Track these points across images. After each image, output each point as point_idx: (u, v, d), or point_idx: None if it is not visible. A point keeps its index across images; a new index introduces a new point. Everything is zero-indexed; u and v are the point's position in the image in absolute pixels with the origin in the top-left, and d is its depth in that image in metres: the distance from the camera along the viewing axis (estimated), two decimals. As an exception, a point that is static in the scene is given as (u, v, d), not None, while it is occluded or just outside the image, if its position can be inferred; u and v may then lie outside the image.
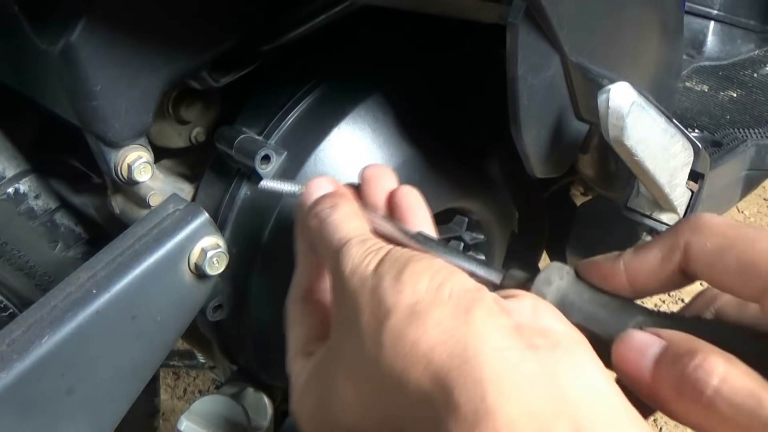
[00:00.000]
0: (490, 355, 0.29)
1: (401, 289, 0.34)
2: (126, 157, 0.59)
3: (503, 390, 0.28)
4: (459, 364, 0.29)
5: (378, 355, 0.33)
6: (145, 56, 0.56)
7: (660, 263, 0.35)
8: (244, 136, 0.63)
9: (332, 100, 0.66)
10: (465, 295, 0.33)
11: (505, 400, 0.27)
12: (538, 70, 0.51)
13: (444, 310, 0.32)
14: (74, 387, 0.50)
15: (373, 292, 0.34)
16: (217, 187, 0.66)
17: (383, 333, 0.33)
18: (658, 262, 0.35)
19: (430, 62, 0.71)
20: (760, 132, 0.82)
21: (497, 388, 0.28)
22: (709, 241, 0.33)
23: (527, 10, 0.47)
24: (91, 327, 0.50)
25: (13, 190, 0.67)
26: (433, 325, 0.31)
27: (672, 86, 0.70)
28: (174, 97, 0.65)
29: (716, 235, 0.33)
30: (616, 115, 0.48)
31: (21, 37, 0.55)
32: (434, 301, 0.33)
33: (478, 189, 0.74)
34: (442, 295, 0.33)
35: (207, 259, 0.54)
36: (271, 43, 0.63)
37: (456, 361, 0.30)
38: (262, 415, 0.71)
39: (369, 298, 0.35)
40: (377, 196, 0.50)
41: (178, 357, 1.21)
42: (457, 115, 0.71)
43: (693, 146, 0.56)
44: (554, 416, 0.27)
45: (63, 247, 0.71)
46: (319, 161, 0.63)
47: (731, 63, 1.00)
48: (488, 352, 0.29)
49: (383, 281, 0.34)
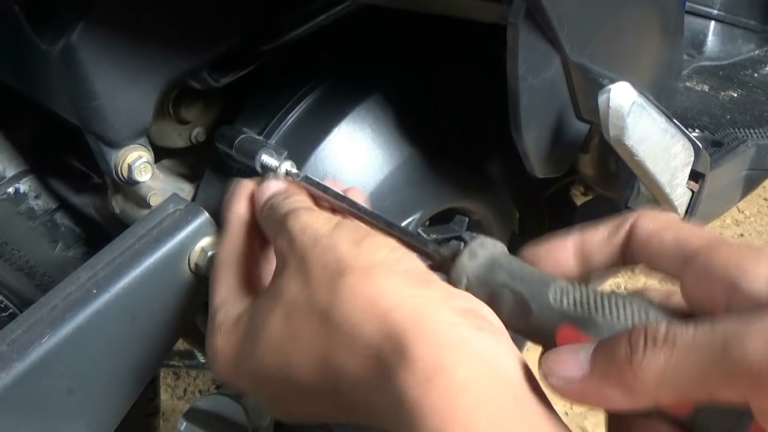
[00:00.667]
0: (444, 326, 0.33)
1: (359, 253, 0.37)
2: (126, 157, 0.59)
3: (457, 356, 0.31)
4: (414, 327, 0.33)
5: (331, 304, 0.36)
6: (145, 56, 0.56)
7: (606, 239, 0.37)
8: (244, 135, 0.63)
9: (333, 100, 0.66)
10: (420, 273, 0.37)
11: (458, 364, 0.31)
12: (539, 70, 0.51)
13: (401, 279, 0.36)
14: (74, 387, 0.49)
15: (327, 250, 0.38)
16: (218, 187, 0.66)
17: (338, 286, 0.36)
18: (604, 238, 0.37)
19: (431, 62, 0.71)
20: (761, 132, 0.82)
21: (452, 353, 0.31)
22: (652, 223, 0.36)
23: (528, 10, 0.47)
24: (91, 327, 0.50)
25: (13, 190, 0.67)
26: (390, 290, 0.35)
27: (672, 86, 0.70)
28: (174, 96, 0.65)
29: (661, 220, 0.36)
30: (616, 114, 0.48)
31: (21, 37, 0.55)
32: (392, 270, 0.36)
33: (478, 189, 0.74)
34: (398, 267, 0.36)
35: (207, 258, 0.54)
36: (271, 43, 0.62)
37: (411, 324, 0.33)
38: (262, 415, 0.71)
39: (322, 254, 0.38)
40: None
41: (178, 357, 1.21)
42: (457, 115, 0.71)
43: (693, 146, 0.56)
44: (495, 386, 0.31)
45: (63, 247, 0.71)
46: (319, 161, 0.63)
47: (731, 63, 1.00)
48: (443, 323, 0.33)
49: (340, 242, 0.38)
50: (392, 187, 0.65)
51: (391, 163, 0.66)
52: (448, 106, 0.71)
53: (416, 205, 0.66)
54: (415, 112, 0.68)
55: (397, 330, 0.33)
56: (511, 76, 0.50)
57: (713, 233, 0.34)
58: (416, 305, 0.34)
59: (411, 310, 0.34)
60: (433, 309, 0.34)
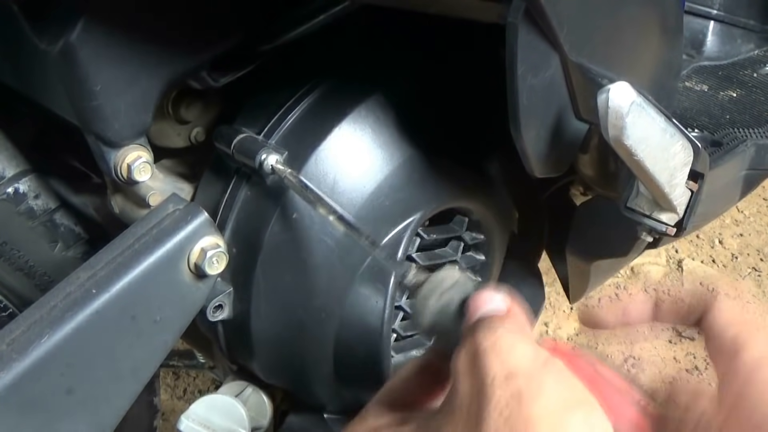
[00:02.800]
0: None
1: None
2: (126, 157, 0.59)
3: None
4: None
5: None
6: (145, 56, 0.56)
7: (684, 313, 0.38)
8: (244, 135, 0.63)
9: (333, 99, 0.66)
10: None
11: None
12: (538, 69, 0.51)
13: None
14: (74, 387, 0.49)
15: (521, 403, 0.30)
16: (217, 186, 0.66)
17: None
18: (683, 312, 0.38)
19: (431, 62, 0.71)
20: (760, 132, 0.82)
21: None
22: (725, 316, 0.36)
23: (527, 10, 0.47)
24: (91, 327, 0.50)
25: (13, 190, 0.67)
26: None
27: (672, 86, 0.70)
28: (174, 96, 0.65)
29: (734, 319, 0.36)
30: (615, 114, 0.48)
31: (21, 37, 0.55)
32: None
33: (478, 189, 0.74)
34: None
35: (207, 258, 0.54)
36: (271, 43, 0.62)
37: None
38: (262, 415, 0.71)
39: (509, 407, 0.30)
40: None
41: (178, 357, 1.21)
42: (457, 115, 0.71)
43: (693, 146, 0.56)
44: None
45: (63, 247, 0.71)
46: (319, 161, 0.63)
47: (731, 63, 1.00)
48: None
49: (539, 406, 0.29)
50: (392, 187, 0.65)
51: (391, 163, 0.66)
52: (449, 106, 0.71)
53: (416, 205, 0.66)
54: (415, 112, 0.68)
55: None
56: (510, 76, 0.50)
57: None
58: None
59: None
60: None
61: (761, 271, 1.83)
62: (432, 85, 0.70)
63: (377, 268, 0.64)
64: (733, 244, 1.90)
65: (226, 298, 0.65)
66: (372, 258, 0.64)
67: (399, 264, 0.50)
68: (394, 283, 0.65)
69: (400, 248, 0.64)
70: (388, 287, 0.64)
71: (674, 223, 0.60)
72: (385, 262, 0.50)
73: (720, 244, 1.90)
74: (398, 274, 0.47)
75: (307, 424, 0.73)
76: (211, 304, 0.64)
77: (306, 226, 0.62)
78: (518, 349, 0.31)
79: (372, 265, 0.64)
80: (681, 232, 0.60)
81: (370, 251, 0.48)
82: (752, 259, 1.87)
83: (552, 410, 0.29)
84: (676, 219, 0.60)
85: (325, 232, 0.63)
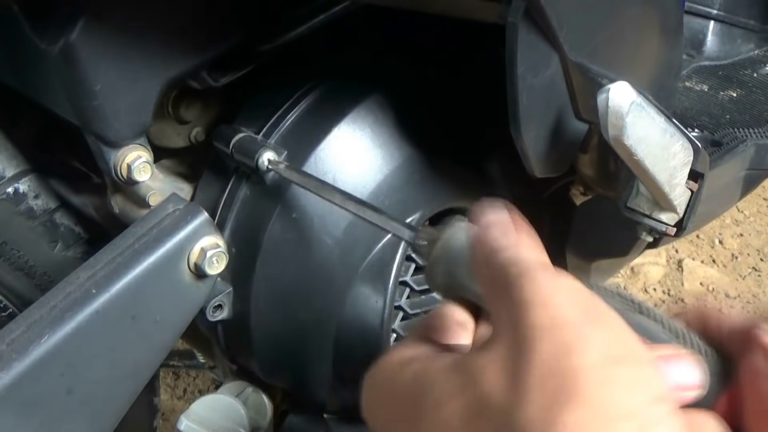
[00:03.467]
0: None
1: (609, 388, 0.27)
2: (125, 157, 0.59)
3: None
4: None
5: (529, 417, 0.27)
6: (145, 56, 0.56)
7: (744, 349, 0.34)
8: (244, 135, 0.63)
9: (332, 99, 0.66)
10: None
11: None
12: (538, 69, 0.51)
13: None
14: (74, 387, 0.49)
15: (562, 354, 0.28)
16: (216, 186, 0.66)
17: (558, 421, 0.26)
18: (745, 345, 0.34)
19: (430, 62, 0.71)
20: (760, 131, 0.82)
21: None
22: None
23: (527, 10, 0.47)
24: (91, 327, 0.50)
25: (13, 190, 0.67)
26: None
27: (672, 86, 0.70)
28: (174, 96, 0.65)
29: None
30: (615, 114, 0.48)
31: (21, 37, 0.55)
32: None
33: (477, 189, 0.74)
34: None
35: (206, 258, 0.54)
36: (271, 43, 0.62)
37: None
38: (262, 415, 0.71)
39: (553, 356, 0.28)
40: None
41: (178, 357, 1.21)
42: (457, 115, 0.71)
43: (692, 146, 0.56)
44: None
45: (63, 246, 0.71)
46: (319, 161, 0.63)
47: (731, 63, 1.00)
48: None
49: (588, 352, 0.28)
50: (392, 187, 0.65)
51: (391, 163, 0.66)
52: (448, 106, 0.71)
53: (416, 205, 0.66)
54: (415, 112, 0.67)
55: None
56: (510, 76, 0.50)
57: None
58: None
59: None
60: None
61: (761, 271, 1.83)
62: (432, 84, 0.70)
63: (377, 268, 0.64)
64: (733, 244, 1.90)
65: (225, 298, 0.65)
66: (372, 258, 0.64)
67: (409, 228, 0.49)
68: (394, 282, 0.65)
69: (399, 248, 0.64)
70: (387, 287, 0.64)
71: (674, 222, 0.60)
72: (395, 232, 0.50)
73: (720, 244, 1.90)
74: (410, 238, 0.46)
75: (307, 424, 0.73)
76: (210, 304, 0.64)
77: (306, 226, 0.62)
78: (563, 297, 0.29)
79: (372, 264, 0.64)
80: (681, 232, 0.60)
81: (380, 225, 0.47)
82: (752, 259, 1.87)
83: (598, 363, 0.27)
84: (676, 219, 0.60)
85: (324, 232, 0.63)
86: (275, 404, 0.73)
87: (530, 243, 0.35)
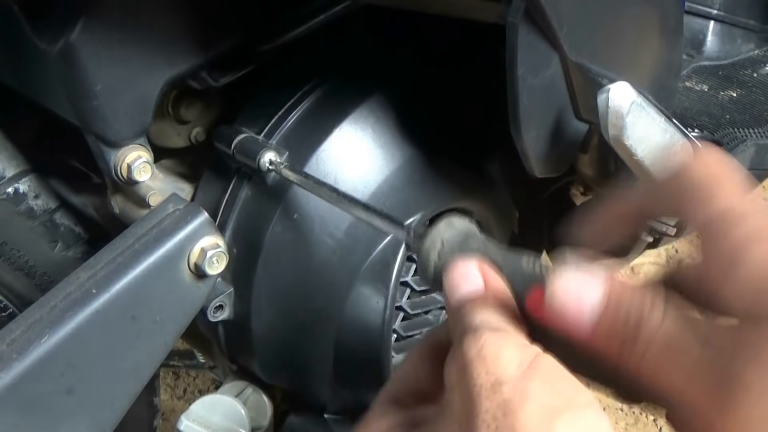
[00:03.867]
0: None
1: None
2: (126, 157, 0.59)
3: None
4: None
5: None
6: (145, 56, 0.56)
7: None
8: (245, 135, 0.63)
9: (334, 100, 0.66)
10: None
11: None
12: (538, 69, 0.51)
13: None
14: (74, 387, 0.49)
15: (506, 412, 0.29)
16: (217, 186, 0.66)
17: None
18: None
19: (431, 62, 0.71)
20: (760, 131, 0.82)
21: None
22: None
23: (527, 10, 0.47)
24: (91, 327, 0.49)
25: (13, 190, 0.67)
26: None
27: (672, 86, 0.70)
28: (174, 96, 0.65)
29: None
30: (615, 114, 0.48)
31: (21, 37, 0.55)
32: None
33: (478, 189, 0.74)
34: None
35: (207, 258, 0.54)
36: (271, 43, 0.62)
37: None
38: (262, 415, 0.71)
39: (496, 414, 0.29)
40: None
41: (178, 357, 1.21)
42: (457, 116, 0.71)
43: (693, 146, 0.56)
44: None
45: (63, 246, 0.71)
46: (320, 161, 0.63)
47: (731, 63, 1.00)
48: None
49: (527, 408, 0.29)
50: (393, 188, 0.65)
51: (392, 163, 0.66)
52: (449, 107, 0.71)
53: (417, 205, 0.66)
54: (416, 113, 0.67)
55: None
56: (510, 76, 0.50)
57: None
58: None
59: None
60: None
61: (761, 271, 1.83)
62: (432, 85, 0.70)
63: (378, 268, 0.64)
64: (733, 244, 1.90)
65: (226, 299, 0.65)
66: (373, 258, 0.64)
67: (405, 226, 0.49)
68: (395, 283, 0.65)
69: (400, 249, 0.64)
70: (388, 287, 0.64)
71: (674, 222, 0.60)
72: (393, 229, 0.50)
73: (720, 244, 1.90)
74: (406, 233, 0.47)
75: (307, 424, 0.73)
76: (211, 305, 0.64)
77: (307, 227, 0.62)
78: (504, 355, 0.31)
79: (373, 265, 0.64)
80: (681, 232, 0.60)
81: (379, 224, 0.47)
82: (752, 259, 1.86)
83: (538, 417, 0.29)
84: (676, 219, 0.60)
85: (326, 233, 0.63)
86: (275, 404, 0.73)
87: (491, 303, 0.36)
